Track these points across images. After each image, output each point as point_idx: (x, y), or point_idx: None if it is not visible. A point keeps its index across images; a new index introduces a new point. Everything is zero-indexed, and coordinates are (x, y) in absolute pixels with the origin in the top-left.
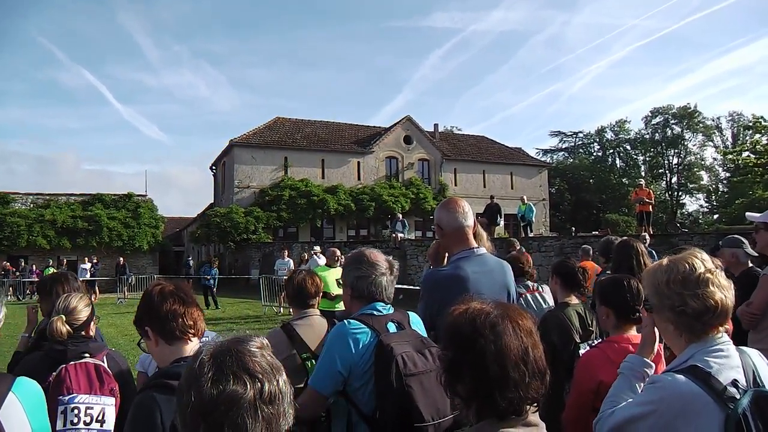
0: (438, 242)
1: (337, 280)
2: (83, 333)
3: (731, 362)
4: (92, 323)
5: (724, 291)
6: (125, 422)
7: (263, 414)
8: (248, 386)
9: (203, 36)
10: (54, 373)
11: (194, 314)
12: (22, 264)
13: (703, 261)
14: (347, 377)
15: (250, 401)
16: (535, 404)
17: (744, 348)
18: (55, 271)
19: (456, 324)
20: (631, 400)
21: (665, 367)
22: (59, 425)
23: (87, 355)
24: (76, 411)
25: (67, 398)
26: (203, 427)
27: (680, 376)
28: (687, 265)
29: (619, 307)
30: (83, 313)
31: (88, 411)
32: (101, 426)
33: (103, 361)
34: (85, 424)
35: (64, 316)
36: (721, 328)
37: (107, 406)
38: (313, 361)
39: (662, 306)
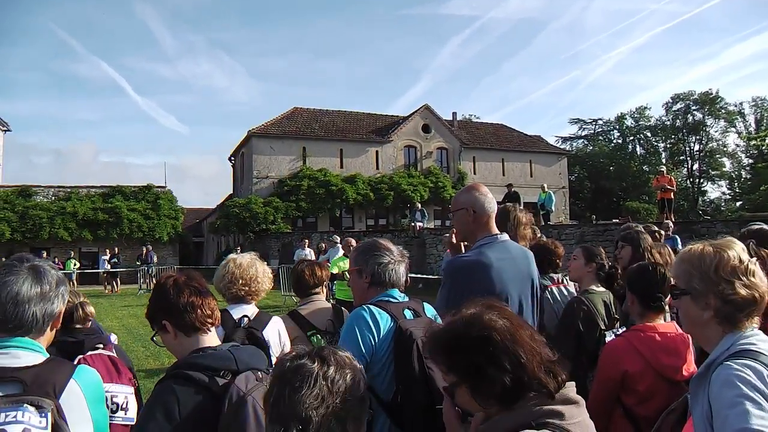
0: (454, 230)
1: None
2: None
3: None
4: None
5: (766, 283)
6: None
7: (321, 390)
8: (316, 364)
9: (219, 25)
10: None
11: (211, 304)
12: (44, 256)
13: (744, 250)
14: (368, 362)
15: (313, 373)
16: (565, 381)
17: None
18: (76, 263)
19: (457, 334)
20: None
21: (693, 356)
22: None
23: (101, 346)
24: None
25: None
26: (276, 390)
27: (741, 360)
28: (734, 254)
29: (642, 293)
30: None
31: (114, 399)
32: (125, 414)
33: (113, 352)
34: (112, 412)
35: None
36: (756, 320)
37: (129, 394)
38: (319, 336)
39: (707, 292)
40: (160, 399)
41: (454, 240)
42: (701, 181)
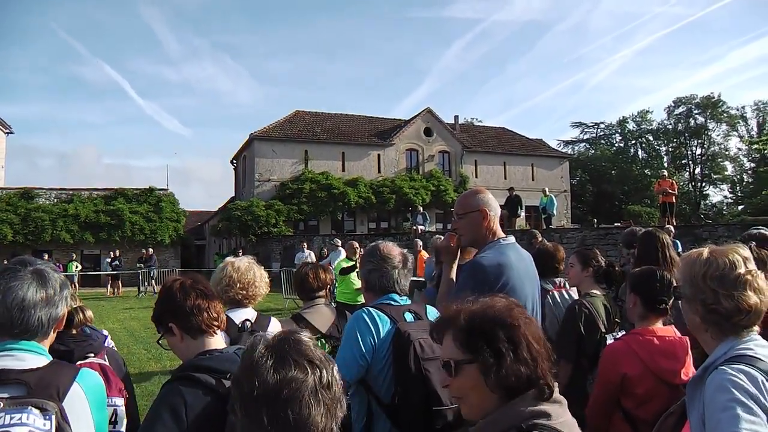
0: (452, 234)
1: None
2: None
3: None
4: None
5: (760, 294)
6: (147, 413)
7: (324, 400)
8: (308, 372)
9: (223, 28)
10: None
11: (218, 307)
12: (46, 258)
13: (744, 259)
14: (369, 363)
15: (312, 387)
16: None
17: None
18: (78, 265)
19: (489, 316)
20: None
21: (691, 359)
22: None
23: (91, 354)
24: None
25: None
26: (266, 413)
27: (737, 365)
28: (728, 261)
29: (647, 295)
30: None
31: None
32: (114, 427)
33: (104, 360)
34: None
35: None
36: (755, 327)
37: (118, 407)
38: (323, 340)
39: (694, 298)
40: (167, 400)
41: (452, 244)
42: (703, 185)
